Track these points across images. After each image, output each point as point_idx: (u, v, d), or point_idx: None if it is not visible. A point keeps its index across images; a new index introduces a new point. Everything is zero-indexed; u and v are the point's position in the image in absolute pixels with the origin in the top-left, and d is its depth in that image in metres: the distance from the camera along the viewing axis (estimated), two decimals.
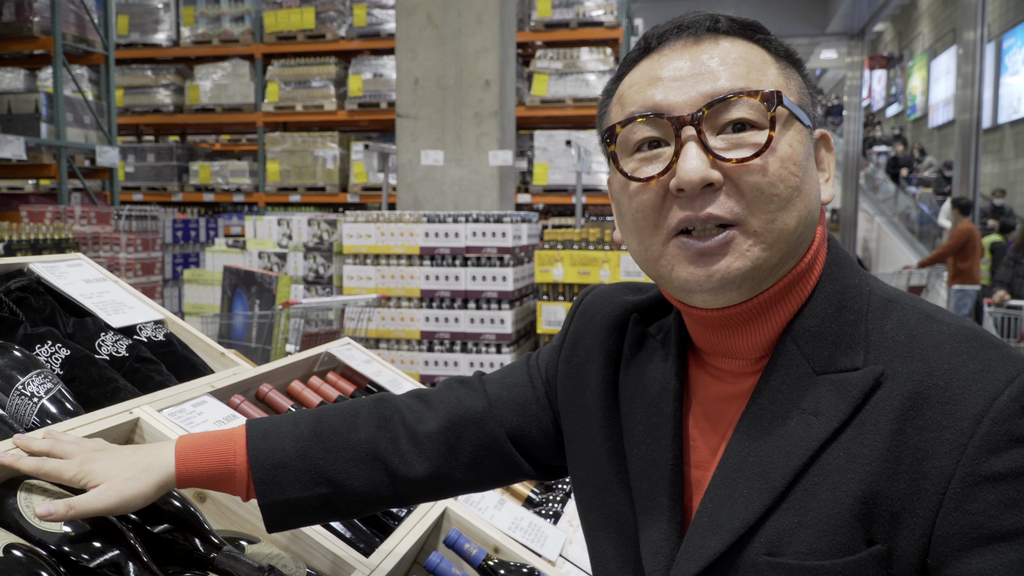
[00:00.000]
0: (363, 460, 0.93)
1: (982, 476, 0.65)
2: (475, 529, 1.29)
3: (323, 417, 0.96)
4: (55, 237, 5.12)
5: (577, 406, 0.92)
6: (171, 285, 6.68)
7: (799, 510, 0.71)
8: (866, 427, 0.70)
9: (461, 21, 5.33)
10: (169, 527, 0.95)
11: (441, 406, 0.97)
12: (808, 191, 0.76)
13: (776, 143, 0.73)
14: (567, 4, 7.76)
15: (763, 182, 0.73)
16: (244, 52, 8.42)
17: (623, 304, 0.92)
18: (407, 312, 5.00)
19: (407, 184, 5.58)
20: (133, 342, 1.28)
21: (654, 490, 0.81)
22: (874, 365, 0.72)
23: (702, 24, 0.78)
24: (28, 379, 1.05)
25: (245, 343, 4.29)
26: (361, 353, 1.67)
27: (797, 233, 0.75)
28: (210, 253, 5.50)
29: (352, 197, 8.17)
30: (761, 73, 0.76)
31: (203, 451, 0.91)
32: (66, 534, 0.86)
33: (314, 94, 8.15)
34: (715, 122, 0.74)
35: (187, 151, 9.18)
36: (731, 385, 0.81)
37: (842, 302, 0.77)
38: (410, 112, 5.50)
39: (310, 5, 8.07)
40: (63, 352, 1.16)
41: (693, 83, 0.75)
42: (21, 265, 1.32)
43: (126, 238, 5.95)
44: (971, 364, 0.69)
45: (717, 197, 0.73)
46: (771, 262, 0.74)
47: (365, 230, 4.99)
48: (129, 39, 8.57)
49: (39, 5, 5.74)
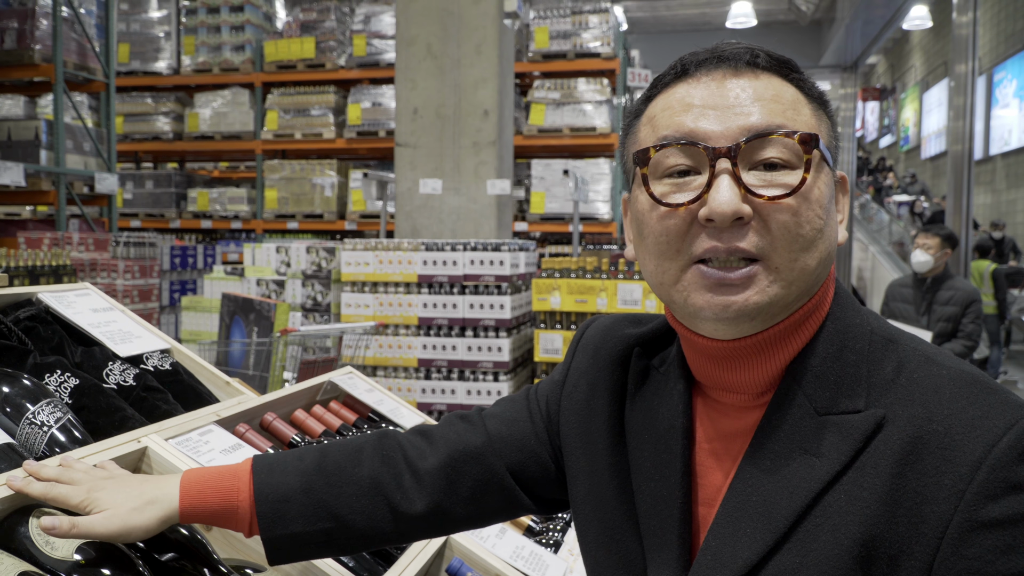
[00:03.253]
0: (366, 495, 0.94)
1: (980, 522, 0.66)
2: (477, 558, 1.30)
3: (327, 452, 0.97)
4: (53, 263, 5.13)
5: (582, 442, 0.92)
6: (168, 312, 6.68)
7: (800, 551, 0.71)
8: (867, 470, 0.71)
9: (460, 52, 5.40)
10: (177, 555, 0.96)
11: (441, 442, 0.98)
12: (829, 233, 0.77)
13: (811, 185, 0.75)
14: (564, 35, 7.86)
15: (791, 222, 0.74)
16: (244, 80, 8.49)
17: (625, 338, 0.93)
18: (405, 340, 5.01)
19: (405, 212, 5.62)
20: (140, 371, 1.29)
21: (663, 527, 0.82)
22: (875, 408, 0.73)
23: (741, 57, 0.78)
24: (38, 408, 1.06)
25: (243, 370, 4.29)
26: (363, 382, 1.68)
27: (816, 273, 0.76)
28: (208, 280, 5.51)
29: (350, 224, 8.20)
30: (797, 113, 0.77)
31: (206, 487, 0.92)
32: (77, 562, 0.87)
33: (313, 122, 8.22)
34: (750, 157, 0.75)
35: (185, 178, 9.22)
36: (735, 420, 0.81)
37: (844, 342, 0.77)
38: (409, 141, 5.55)
39: (310, 35, 8.16)
40: (72, 381, 1.17)
41: (731, 115, 0.75)
42: (29, 295, 1.34)
43: (124, 265, 5.96)
44: (970, 410, 0.70)
45: (745, 232, 0.74)
46: (787, 299, 0.75)
47: (363, 258, 5.01)
48: (130, 67, 8.64)
49: (40, 33, 5.80)
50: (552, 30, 7.86)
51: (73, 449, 1.04)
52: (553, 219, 7.87)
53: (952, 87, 7.50)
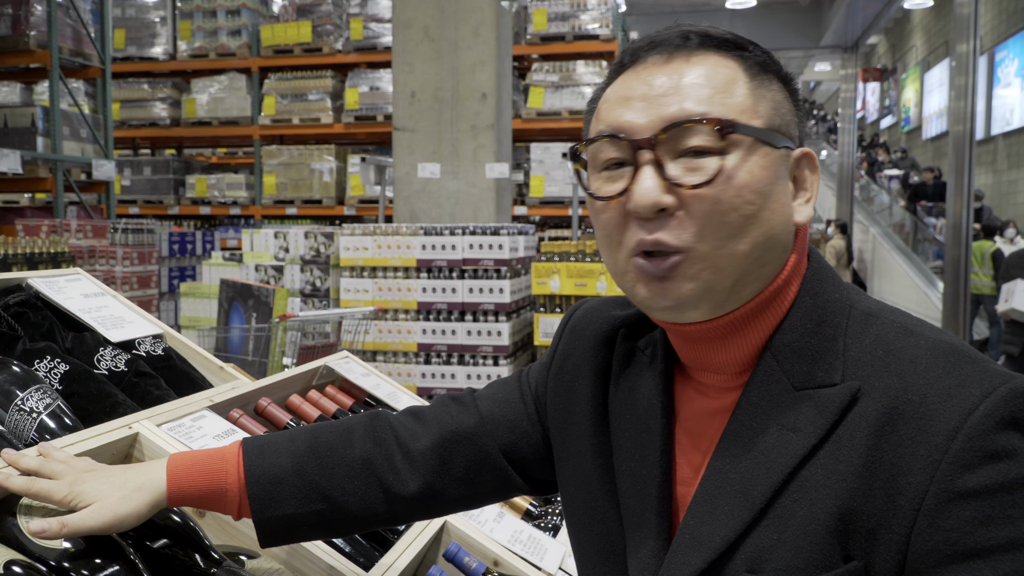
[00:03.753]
0: (358, 476, 0.93)
1: (956, 492, 0.65)
2: (474, 542, 1.29)
3: (319, 434, 0.96)
4: (51, 251, 5.11)
5: (567, 423, 0.92)
6: (167, 298, 6.67)
7: (778, 527, 0.71)
8: (842, 443, 0.70)
9: (458, 35, 5.36)
10: (169, 542, 0.95)
11: (434, 423, 0.97)
12: (768, 217, 0.74)
13: (731, 171, 0.72)
14: (563, 17, 7.81)
15: (714, 211, 0.72)
16: (241, 66, 8.45)
17: (611, 319, 0.92)
18: (404, 324, 5.00)
19: (404, 197, 5.59)
20: (132, 356, 1.28)
21: (642, 507, 0.81)
22: (851, 381, 0.72)
23: (673, 41, 0.77)
24: (27, 394, 1.04)
25: (242, 356, 4.28)
26: (359, 367, 1.67)
27: (752, 258, 0.74)
28: (207, 266, 5.49)
29: (349, 210, 8.18)
30: (726, 95, 0.74)
31: (194, 470, 0.91)
32: (66, 550, 0.86)
33: (311, 107, 8.18)
34: (674, 146, 0.74)
35: (183, 164, 9.19)
36: (714, 400, 0.81)
37: (822, 317, 0.76)
38: (407, 125, 5.52)
39: (307, 19, 8.11)
40: (62, 367, 1.16)
41: (655, 106, 0.74)
42: (19, 280, 1.32)
43: (122, 251, 5.94)
44: (946, 379, 0.69)
45: (670, 222, 0.73)
46: (724, 284, 0.74)
47: (362, 243, 4.99)
48: (126, 53, 8.59)
49: (35, 19, 5.75)
50: (550, 12, 7.81)
51: (63, 435, 1.03)
52: (552, 203, 7.84)
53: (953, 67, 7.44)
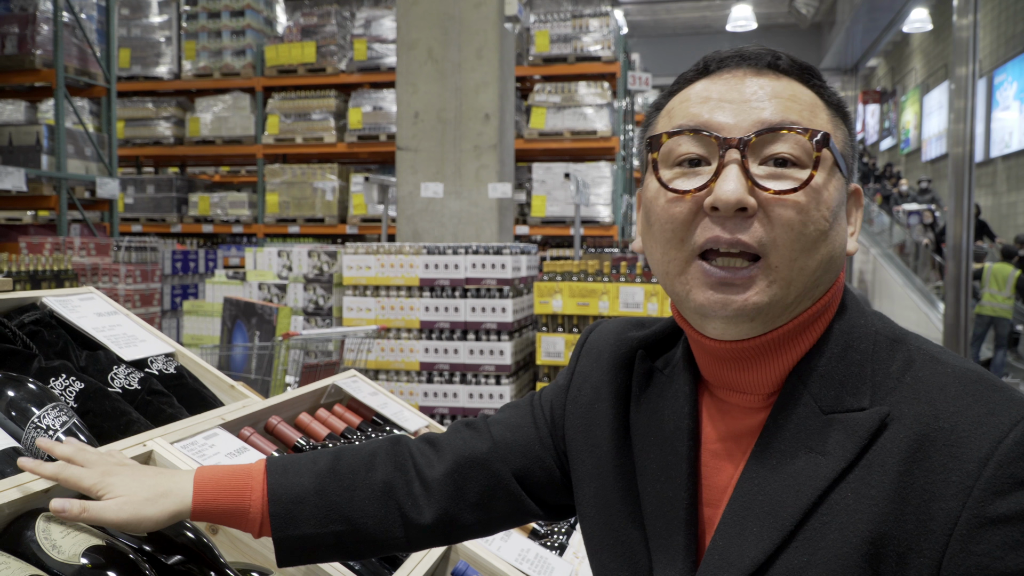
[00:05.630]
0: (379, 500, 0.94)
1: (988, 518, 0.67)
2: (483, 561, 1.30)
3: (341, 456, 0.97)
4: (54, 268, 5.13)
5: (587, 445, 0.92)
6: (170, 316, 6.68)
7: (808, 549, 0.72)
8: (873, 468, 0.71)
9: (461, 56, 5.41)
10: (183, 559, 0.96)
11: (448, 450, 0.98)
12: (835, 238, 0.77)
13: (817, 184, 0.75)
14: (565, 39, 7.87)
15: (795, 219, 0.74)
16: (245, 85, 8.51)
17: (628, 340, 0.93)
18: (407, 343, 5.01)
19: (407, 216, 5.62)
20: (145, 375, 1.29)
21: (669, 529, 0.82)
22: (880, 406, 0.73)
23: (763, 58, 0.79)
24: (44, 412, 1.06)
25: (245, 374, 4.28)
26: (367, 385, 1.68)
27: (816, 276, 0.76)
28: (210, 284, 5.51)
29: (351, 228, 8.21)
30: (813, 115, 0.78)
31: (220, 485, 0.92)
32: (83, 566, 0.86)
33: (314, 126, 8.23)
34: (760, 152, 0.75)
35: (187, 183, 9.23)
36: (741, 420, 0.81)
37: (849, 342, 0.78)
38: (410, 145, 5.56)
39: (311, 39, 8.18)
40: (77, 385, 1.17)
41: (746, 109, 0.76)
42: (34, 299, 1.34)
43: (125, 269, 5.96)
44: (976, 407, 0.70)
45: (749, 224, 0.74)
46: (787, 300, 0.76)
47: (365, 262, 5.01)
48: (131, 72, 8.66)
49: (41, 38, 5.81)
50: (553, 34, 7.87)
51: None
52: (554, 222, 7.87)
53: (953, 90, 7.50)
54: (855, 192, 0.84)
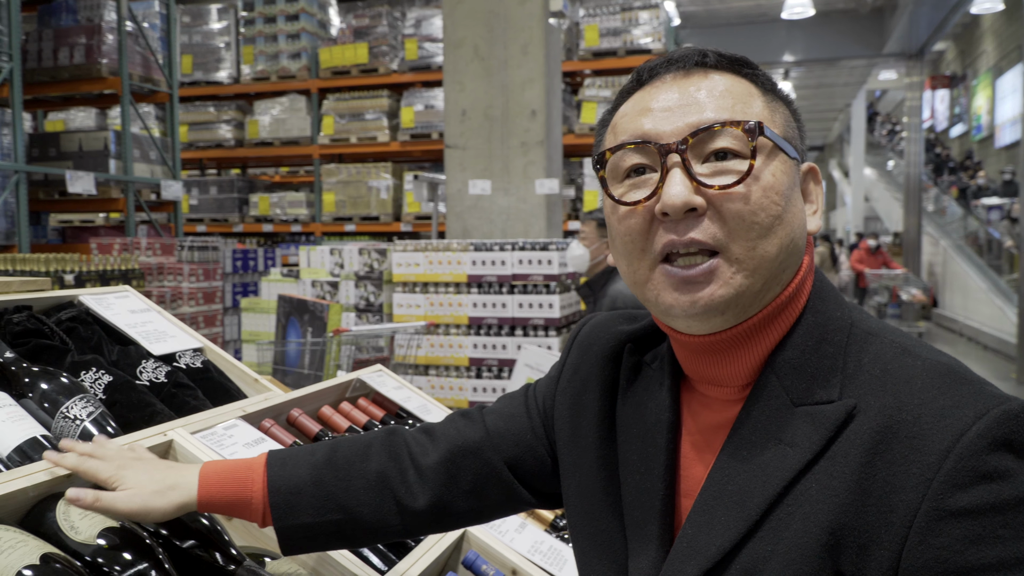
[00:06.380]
0: (373, 489, 0.97)
1: (947, 511, 0.66)
2: (493, 551, 1.33)
3: (337, 447, 1.01)
4: (122, 268, 5.34)
5: (573, 436, 0.95)
6: (231, 313, 6.89)
7: (772, 539, 0.73)
8: (837, 459, 0.72)
9: (507, 53, 5.44)
10: (195, 543, 1.02)
11: (443, 438, 1.01)
12: (791, 220, 0.78)
13: (758, 172, 0.76)
14: (615, 33, 7.83)
15: (744, 210, 0.76)
16: (301, 87, 8.71)
17: (617, 334, 0.95)
18: (455, 339, 5.07)
19: (456, 213, 5.68)
20: (172, 368, 1.36)
21: (645, 518, 0.84)
22: (849, 398, 0.74)
23: (691, 59, 0.82)
24: (72, 403, 1.13)
25: (298, 369, 4.41)
26: (392, 380, 1.73)
27: (779, 260, 0.77)
28: (266, 282, 5.67)
29: (405, 226, 8.33)
30: (746, 105, 0.79)
31: (223, 478, 0.97)
32: (100, 547, 0.93)
33: (368, 126, 8.37)
34: (700, 151, 0.78)
35: (247, 183, 9.49)
36: (718, 413, 0.83)
37: (823, 335, 0.78)
38: (458, 143, 5.62)
39: (363, 40, 8.32)
40: (106, 378, 1.24)
41: (680, 113, 0.78)
42: (72, 297, 1.42)
43: (188, 268, 6.17)
44: (941, 399, 0.70)
45: (700, 222, 0.76)
46: (754, 288, 0.77)
47: (414, 259, 5.09)
48: (193, 77, 8.94)
49: (107, 47, 6.05)
50: (602, 27, 7.84)
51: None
52: None
53: None
54: (810, 170, 0.85)
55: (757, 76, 0.83)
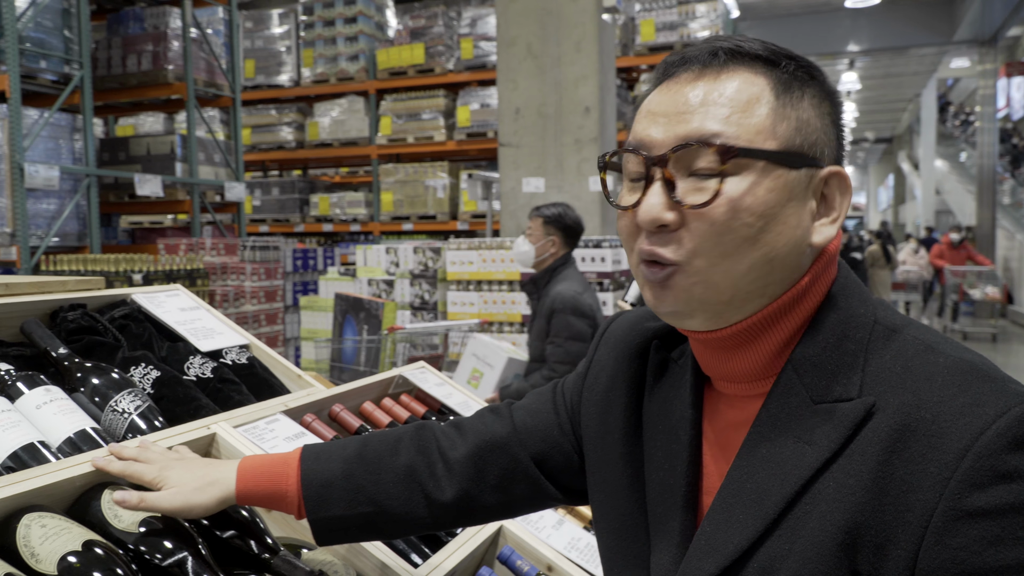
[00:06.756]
0: (402, 482, 0.99)
1: (964, 511, 0.65)
2: (529, 547, 1.33)
3: (368, 442, 1.03)
4: (187, 268, 5.51)
5: (600, 432, 0.95)
6: (292, 311, 7.05)
7: (789, 538, 0.72)
8: (855, 458, 0.71)
9: (560, 50, 5.43)
10: (234, 533, 1.05)
11: (471, 433, 1.02)
12: (771, 239, 0.75)
13: (735, 193, 0.74)
14: (671, 27, 7.75)
15: (710, 231, 0.74)
16: (359, 89, 8.85)
17: (644, 331, 0.95)
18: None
19: (510, 211, 5.70)
20: (218, 364, 1.40)
21: (667, 515, 0.84)
22: (868, 396, 0.72)
23: (702, 57, 0.78)
24: (120, 397, 1.18)
25: (354, 366, 4.49)
26: (434, 376, 1.75)
27: (750, 277, 0.75)
28: (323, 281, 5.78)
29: (462, 224, 8.40)
30: (745, 115, 0.75)
31: (259, 472, 1.00)
32: (142, 534, 0.97)
33: (424, 126, 8.46)
34: (686, 164, 0.76)
35: (308, 184, 9.69)
36: (739, 410, 0.82)
37: (845, 331, 0.77)
38: (512, 141, 5.63)
39: (420, 41, 8.41)
40: (154, 373, 1.29)
41: (675, 122, 0.76)
42: (125, 296, 1.48)
43: (251, 267, 6.33)
44: (961, 397, 0.68)
45: (671, 237, 0.76)
46: (719, 299, 0.76)
47: (467, 257, 5.13)
48: (255, 81, 9.17)
49: (173, 54, 6.25)
50: (658, 22, 7.77)
51: (150, 434, 1.16)
52: None
53: None
54: (834, 176, 0.78)
55: (776, 72, 0.77)
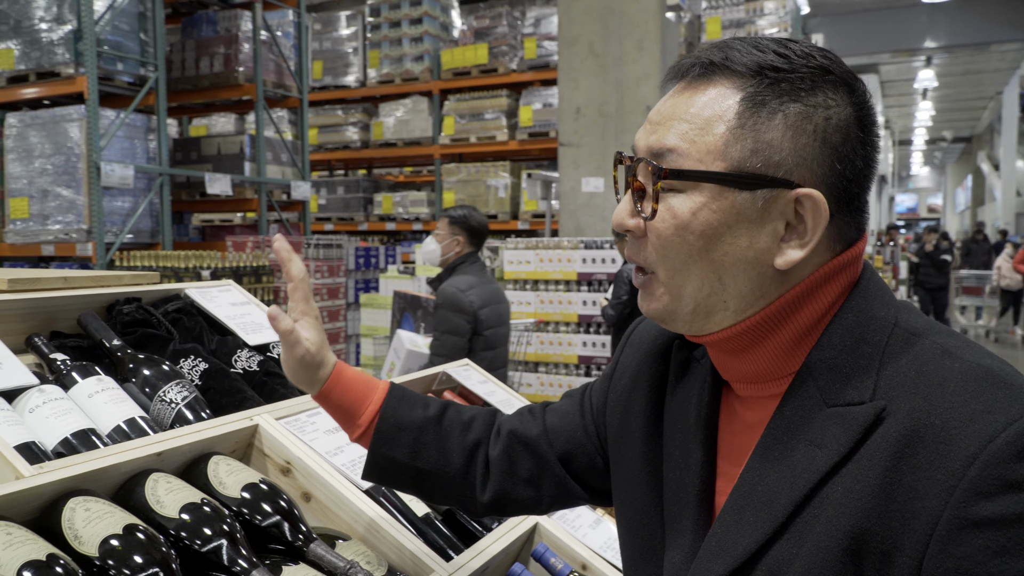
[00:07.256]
0: (464, 459, 1.03)
1: (970, 520, 0.63)
2: (564, 545, 1.34)
3: (448, 408, 1.07)
4: (254, 264, 5.67)
5: (622, 431, 0.96)
6: (354, 308, 7.18)
7: (797, 541, 0.71)
8: (863, 462, 0.69)
9: (622, 49, 5.40)
10: (273, 522, 1.09)
11: (507, 430, 1.05)
12: (720, 259, 0.75)
13: (677, 210, 0.75)
14: (738, 24, 7.63)
15: (658, 243, 0.78)
16: (423, 89, 8.95)
17: (667, 331, 0.95)
18: (565, 337, 5.08)
19: (569, 211, 5.70)
20: (265, 358, 1.45)
21: (681, 514, 0.84)
22: (880, 400, 0.71)
23: (682, 69, 0.79)
24: (168, 387, 1.22)
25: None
26: (477, 374, 1.77)
27: (704, 293, 0.77)
28: (383, 279, 5.87)
29: (522, 224, 8.42)
30: (701, 132, 0.74)
31: (347, 381, 1.02)
32: (182, 520, 1.01)
33: (487, 126, 8.51)
34: (647, 175, 0.80)
35: (372, 183, 9.85)
36: (755, 412, 0.82)
37: (862, 334, 0.75)
38: (572, 140, 5.63)
39: (484, 41, 8.46)
40: (202, 365, 1.34)
41: (650, 132, 0.79)
42: (178, 290, 1.53)
43: (314, 265, 6.48)
44: (972, 404, 0.66)
45: (640, 243, 0.80)
46: (684, 310, 0.79)
47: (525, 256, 5.14)
48: (322, 82, 9.36)
49: (243, 56, 6.42)
50: (724, 19, 7.65)
51: (195, 423, 1.20)
52: None
53: None
54: (806, 198, 0.73)
55: (756, 87, 0.73)
